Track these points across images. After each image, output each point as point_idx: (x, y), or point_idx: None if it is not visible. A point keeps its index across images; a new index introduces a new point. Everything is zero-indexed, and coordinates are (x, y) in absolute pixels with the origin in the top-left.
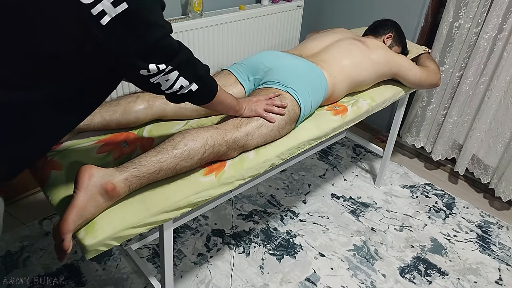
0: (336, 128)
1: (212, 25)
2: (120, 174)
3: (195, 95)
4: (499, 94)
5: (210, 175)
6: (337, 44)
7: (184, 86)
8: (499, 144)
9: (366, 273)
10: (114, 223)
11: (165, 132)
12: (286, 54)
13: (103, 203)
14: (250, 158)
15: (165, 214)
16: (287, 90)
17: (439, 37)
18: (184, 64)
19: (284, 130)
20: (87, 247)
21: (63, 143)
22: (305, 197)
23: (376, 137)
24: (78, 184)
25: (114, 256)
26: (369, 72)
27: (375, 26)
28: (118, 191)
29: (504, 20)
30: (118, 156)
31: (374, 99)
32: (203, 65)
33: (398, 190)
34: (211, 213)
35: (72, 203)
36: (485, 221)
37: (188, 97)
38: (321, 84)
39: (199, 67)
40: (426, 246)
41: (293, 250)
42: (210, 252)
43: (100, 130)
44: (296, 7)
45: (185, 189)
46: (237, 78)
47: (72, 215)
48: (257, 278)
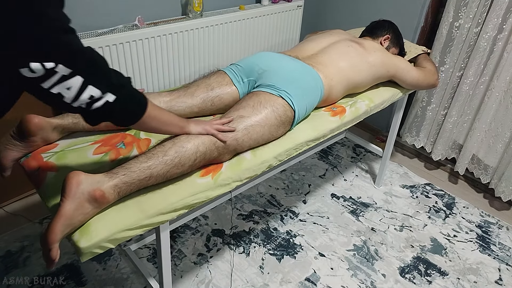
0: (334, 129)
1: (212, 25)
2: (109, 180)
3: (115, 110)
4: (499, 94)
5: (207, 176)
6: (334, 46)
7: (96, 96)
8: (499, 144)
9: (366, 273)
10: (110, 225)
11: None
12: (282, 56)
13: (91, 210)
14: (247, 159)
15: (161, 216)
16: (280, 94)
17: (439, 37)
18: (88, 67)
19: (277, 132)
20: (82, 250)
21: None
22: (305, 197)
23: (376, 137)
24: (66, 192)
25: (114, 256)
26: (366, 74)
27: (372, 27)
28: (107, 198)
29: (504, 20)
30: (115, 157)
31: (373, 100)
32: (121, 75)
33: (398, 190)
34: (211, 213)
35: (59, 212)
36: (485, 221)
37: (107, 112)
38: (316, 86)
39: (113, 74)
40: (426, 246)
41: (293, 250)
42: (210, 252)
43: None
44: (296, 7)
45: (181, 190)
46: (231, 79)
47: (59, 224)
48: (257, 278)
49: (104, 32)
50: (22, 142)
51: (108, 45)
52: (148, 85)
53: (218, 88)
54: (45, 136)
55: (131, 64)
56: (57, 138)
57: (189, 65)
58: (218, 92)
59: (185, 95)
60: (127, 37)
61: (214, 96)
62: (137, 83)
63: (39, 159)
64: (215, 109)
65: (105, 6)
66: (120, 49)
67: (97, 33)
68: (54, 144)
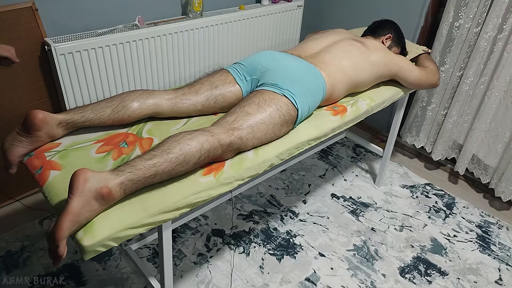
0: (335, 128)
1: (212, 25)
2: (115, 178)
3: None
4: (499, 94)
5: (209, 175)
6: (336, 45)
7: None
8: (499, 144)
9: (366, 273)
10: (113, 224)
11: (164, 132)
12: (284, 55)
13: (98, 207)
14: (249, 158)
15: (164, 214)
16: (283, 93)
17: (439, 37)
18: None
19: (280, 131)
20: (85, 248)
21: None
22: (305, 197)
23: (376, 137)
24: (73, 189)
25: (114, 256)
26: (368, 73)
27: (374, 27)
28: (114, 195)
29: (504, 20)
30: (117, 156)
31: (374, 99)
32: None
33: (398, 190)
34: (211, 213)
35: (67, 209)
36: (485, 221)
37: None
38: (319, 85)
39: None
40: (426, 246)
41: (293, 250)
42: (210, 252)
43: (95, 127)
44: (296, 7)
45: (184, 189)
46: (234, 78)
47: (66, 221)
48: (257, 278)
49: (104, 32)
50: (27, 138)
51: (108, 45)
52: (148, 85)
53: (222, 86)
54: (50, 131)
55: (131, 64)
56: (62, 134)
57: (189, 65)
58: (222, 90)
59: (189, 92)
60: (127, 37)
61: (218, 94)
62: (137, 83)
63: (42, 158)
64: (218, 108)
65: (105, 6)
66: (120, 49)
67: (97, 33)
68: (57, 143)
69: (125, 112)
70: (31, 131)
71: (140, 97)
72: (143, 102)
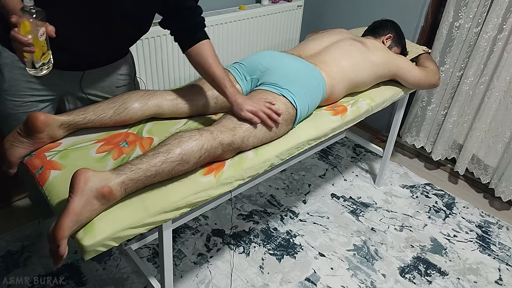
0: (335, 128)
1: (212, 25)
2: (116, 177)
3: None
4: (499, 94)
5: (209, 175)
6: (336, 45)
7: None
8: (499, 144)
9: (366, 273)
10: (113, 224)
11: (164, 132)
12: (284, 55)
13: (99, 207)
14: (249, 158)
15: (164, 214)
16: (282, 93)
17: (439, 37)
18: None
19: (280, 131)
20: (85, 248)
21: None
22: (305, 197)
23: (376, 137)
24: (74, 189)
25: (114, 256)
26: (368, 73)
27: (374, 27)
28: (115, 194)
29: (504, 20)
30: (118, 156)
31: (374, 99)
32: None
33: (398, 190)
34: (211, 213)
35: (68, 208)
36: (485, 221)
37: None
38: (318, 85)
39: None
40: (426, 246)
41: (293, 250)
42: (210, 252)
43: (96, 128)
44: (296, 7)
45: (184, 189)
46: (235, 77)
47: (68, 221)
48: (257, 278)
49: None
50: (28, 139)
51: None
52: (148, 85)
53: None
54: (51, 133)
55: None
56: (63, 135)
57: (189, 65)
58: None
59: (190, 93)
60: None
61: (218, 94)
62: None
63: (42, 158)
64: (219, 108)
65: None
66: None
67: None
68: (57, 143)
69: (127, 114)
70: (32, 133)
71: (142, 98)
72: (145, 103)
